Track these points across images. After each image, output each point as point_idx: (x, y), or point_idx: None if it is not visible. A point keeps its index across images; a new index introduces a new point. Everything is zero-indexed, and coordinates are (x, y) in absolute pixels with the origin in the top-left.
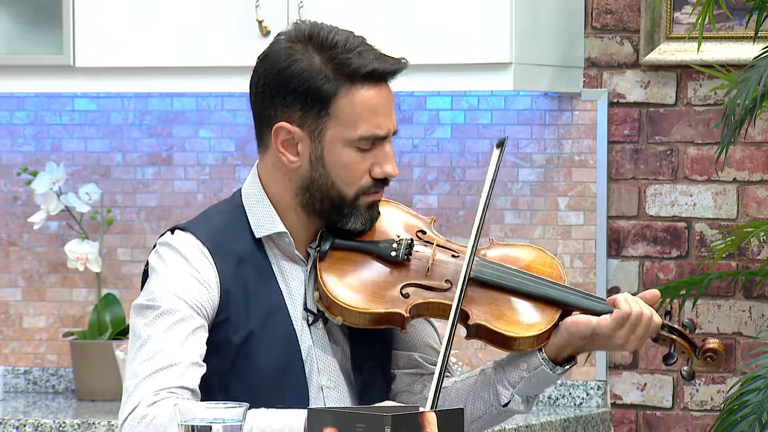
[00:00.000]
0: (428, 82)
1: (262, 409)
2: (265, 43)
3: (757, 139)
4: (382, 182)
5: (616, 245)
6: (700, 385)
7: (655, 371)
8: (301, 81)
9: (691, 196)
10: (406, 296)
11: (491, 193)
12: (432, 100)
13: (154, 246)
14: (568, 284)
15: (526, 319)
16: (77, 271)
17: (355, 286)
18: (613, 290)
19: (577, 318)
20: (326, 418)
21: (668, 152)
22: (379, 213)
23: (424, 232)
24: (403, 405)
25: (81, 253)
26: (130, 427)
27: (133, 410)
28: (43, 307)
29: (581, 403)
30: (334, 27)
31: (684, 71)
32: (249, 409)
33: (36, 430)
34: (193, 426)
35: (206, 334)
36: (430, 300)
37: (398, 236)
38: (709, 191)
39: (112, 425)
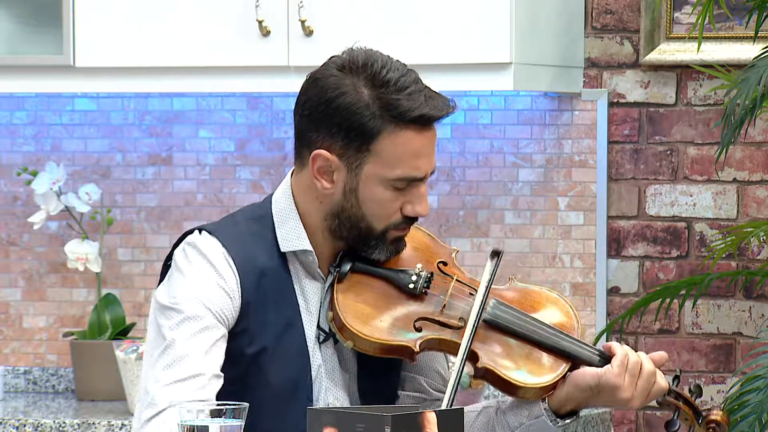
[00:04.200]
0: (428, 82)
1: None
2: (265, 43)
3: (757, 139)
4: (411, 219)
5: (616, 245)
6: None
7: None
8: (347, 115)
9: (691, 196)
10: (418, 330)
11: (486, 299)
12: None
13: (179, 241)
14: (580, 335)
15: (535, 368)
16: (77, 271)
17: (369, 314)
18: (613, 290)
19: (584, 369)
20: (326, 418)
21: (668, 152)
22: (405, 245)
23: (445, 264)
24: (403, 405)
25: (81, 253)
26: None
27: (157, 414)
28: (43, 307)
29: None
30: (388, 59)
31: (684, 71)
32: (254, 422)
33: (36, 430)
34: (192, 426)
35: (225, 344)
36: (442, 337)
37: (419, 267)
38: (709, 191)
39: (112, 425)
